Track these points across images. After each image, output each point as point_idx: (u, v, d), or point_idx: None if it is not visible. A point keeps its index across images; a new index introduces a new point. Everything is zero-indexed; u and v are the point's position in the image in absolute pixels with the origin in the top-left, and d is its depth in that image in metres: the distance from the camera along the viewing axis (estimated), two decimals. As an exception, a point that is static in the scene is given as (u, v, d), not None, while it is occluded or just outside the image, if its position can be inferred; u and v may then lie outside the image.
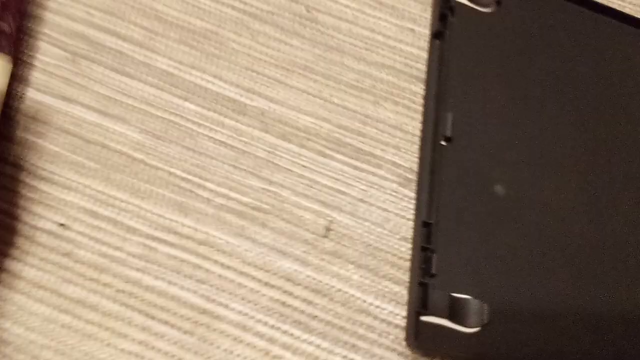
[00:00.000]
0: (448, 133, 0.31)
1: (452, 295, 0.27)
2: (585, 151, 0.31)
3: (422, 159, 0.31)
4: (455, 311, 0.27)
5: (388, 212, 0.32)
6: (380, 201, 0.33)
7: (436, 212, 0.29)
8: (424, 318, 0.27)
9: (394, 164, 0.34)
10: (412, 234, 0.32)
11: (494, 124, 0.31)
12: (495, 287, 0.28)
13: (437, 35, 0.33)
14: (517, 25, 0.34)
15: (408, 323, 0.28)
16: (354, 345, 0.29)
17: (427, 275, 0.28)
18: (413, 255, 0.29)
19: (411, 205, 0.33)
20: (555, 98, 0.32)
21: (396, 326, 0.30)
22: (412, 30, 0.37)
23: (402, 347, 0.30)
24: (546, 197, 0.30)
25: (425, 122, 0.32)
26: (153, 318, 0.29)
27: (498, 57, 0.33)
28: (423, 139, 0.32)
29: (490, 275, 0.28)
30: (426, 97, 0.33)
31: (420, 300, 0.27)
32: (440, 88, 0.31)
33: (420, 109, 0.35)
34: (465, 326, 0.27)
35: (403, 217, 0.32)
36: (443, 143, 0.30)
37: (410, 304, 0.28)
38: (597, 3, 0.35)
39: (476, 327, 0.27)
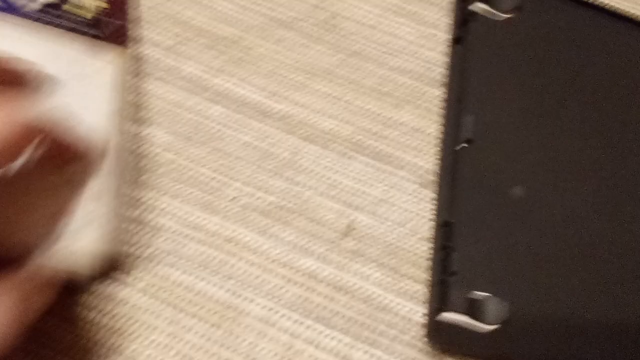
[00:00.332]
0: (468, 135, 0.31)
1: (471, 293, 0.28)
2: (603, 154, 0.32)
3: (443, 160, 0.32)
4: (474, 308, 0.28)
5: (408, 212, 0.33)
6: (401, 201, 0.33)
7: (456, 212, 0.30)
8: (444, 314, 0.28)
9: (415, 165, 0.34)
10: (432, 233, 0.32)
11: (513, 127, 0.32)
12: (514, 286, 0.28)
13: (457, 40, 0.33)
14: (536, 30, 0.34)
15: (428, 319, 0.28)
16: (374, 341, 0.30)
17: (447, 273, 0.28)
18: (433, 254, 0.30)
19: (431, 206, 0.33)
20: (574, 102, 0.33)
21: (416, 323, 0.31)
22: (433, 35, 0.38)
23: (421, 343, 0.30)
24: (564, 199, 0.31)
25: (446, 125, 0.33)
26: (182, 311, 0.30)
27: (517, 62, 0.34)
28: (444, 141, 0.32)
29: (509, 274, 0.29)
30: (447, 101, 0.33)
31: (441, 297, 0.28)
32: (461, 91, 0.32)
33: (441, 112, 0.36)
34: (485, 323, 0.28)
35: (423, 217, 0.33)
36: (463, 145, 0.31)
37: (430, 300, 0.29)
38: (614, 10, 0.35)
39: (495, 324, 0.28)
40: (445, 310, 0.28)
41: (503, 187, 0.30)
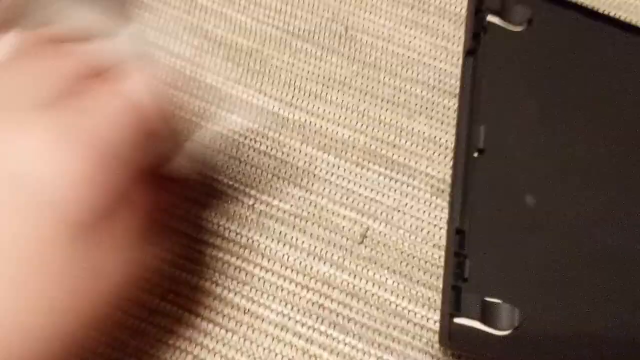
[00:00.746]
0: (480, 145, 0.32)
1: (484, 299, 0.29)
2: (615, 163, 0.32)
3: (455, 169, 0.32)
4: (487, 314, 0.28)
5: (421, 221, 0.34)
6: (414, 210, 0.34)
7: (469, 220, 0.30)
8: (456, 320, 0.28)
9: (427, 175, 0.35)
10: (445, 241, 0.33)
11: (525, 137, 0.32)
12: (526, 293, 0.29)
13: (470, 52, 0.34)
14: (548, 42, 0.35)
15: (441, 324, 0.29)
16: (387, 347, 0.31)
17: (460, 280, 0.29)
18: (446, 261, 0.30)
19: (444, 215, 0.34)
20: (586, 112, 0.33)
21: (429, 329, 0.31)
22: (445, 48, 0.38)
23: (434, 349, 0.31)
24: (576, 207, 0.31)
25: (458, 135, 0.33)
26: (199, 316, 0.31)
27: (529, 73, 0.34)
28: (457, 151, 0.33)
29: (522, 281, 0.29)
30: (460, 111, 0.34)
31: (454, 303, 0.28)
32: (474, 102, 0.33)
33: (453, 122, 0.36)
34: (497, 329, 0.28)
35: (436, 225, 0.34)
36: (476, 154, 0.32)
37: (444, 306, 0.29)
38: (626, 22, 0.36)
39: (507, 330, 0.28)
40: (458, 316, 0.28)
41: (515, 196, 0.31)
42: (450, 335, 0.28)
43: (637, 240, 0.31)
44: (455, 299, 0.28)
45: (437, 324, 0.31)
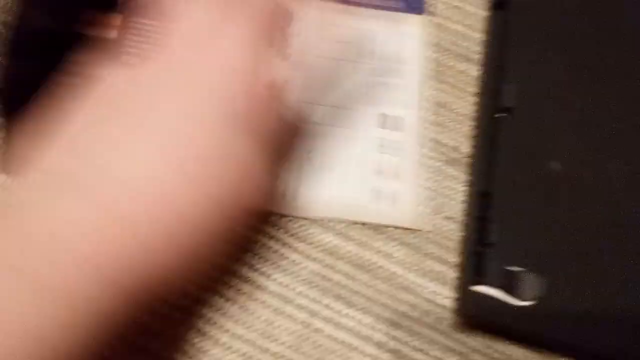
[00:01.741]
0: (508, 104, 0.31)
1: (507, 267, 0.28)
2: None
3: (480, 129, 0.32)
4: (510, 283, 0.28)
5: (431, 191, 0.33)
6: (425, 179, 0.33)
7: (494, 182, 0.30)
8: (478, 288, 0.28)
9: (439, 142, 0.34)
10: (456, 213, 0.32)
11: (554, 99, 0.31)
12: (551, 263, 0.28)
13: (498, 5, 0.33)
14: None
15: (461, 292, 0.28)
16: (396, 323, 0.30)
17: (484, 245, 0.28)
18: (468, 225, 0.30)
19: (456, 185, 0.33)
20: (619, 74, 0.32)
21: (438, 305, 0.31)
22: (459, 8, 0.37)
23: (444, 326, 0.30)
24: (604, 176, 0.30)
25: (484, 93, 0.32)
26: (194, 283, 0.29)
27: (562, 30, 0.33)
28: (481, 109, 0.32)
29: (547, 250, 0.28)
30: (485, 68, 0.33)
31: (476, 269, 0.28)
32: (502, 59, 0.32)
33: (466, 88, 0.36)
34: (520, 299, 0.27)
35: (447, 196, 0.33)
36: (503, 114, 0.31)
37: (464, 273, 0.29)
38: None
39: (530, 300, 0.28)
40: (479, 283, 0.27)
41: (541, 161, 0.30)
42: (470, 304, 0.27)
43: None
44: (477, 265, 0.28)
45: (448, 300, 0.30)
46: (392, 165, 0.32)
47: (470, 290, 0.27)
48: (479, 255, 0.28)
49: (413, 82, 0.35)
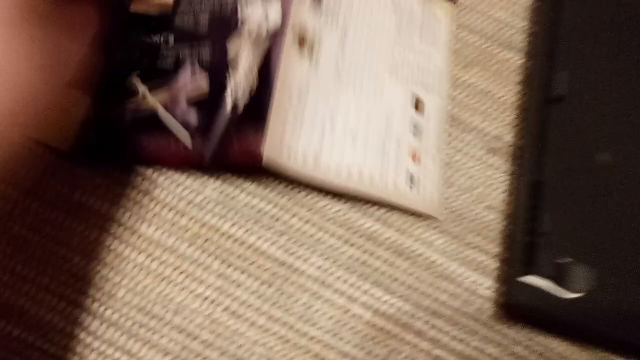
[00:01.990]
0: (560, 92, 0.30)
1: (558, 257, 0.27)
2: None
3: (530, 117, 0.31)
4: (559, 274, 0.27)
5: (474, 179, 0.33)
6: (467, 167, 0.33)
7: (547, 171, 0.29)
8: (527, 278, 0.27)
9: (482, 130, 0.34)
10: (498, 203, 0.32)
11: (606, 88, 0.31)
12: (601, 255, 0.28)
13: None
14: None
15: (508, 282, 0.28)
16: (436, 311, 0.30)
17: (534, 235, 0.28)
18: (517, 214, 0.29)
19: (498, 175, 0.33)
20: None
21: (479, 295, 0.30)
22: (505, -5, 0.37)
23: (485, 316, 0.30)
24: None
25: (535, 80, 0.32)
26: (230, 265, 0.29)
27: (614, 16, 0.32)
28: (532, 98, 0.32)
29: (597, 241, 0.28)
30: (536, 56, 0.33)
31: (525, 259, 0.27)
32: (553, 47, 0.31)
33: (510, 76, 0.35)
34: (569, 290, 0.27)
35: (490, 185, 0.33)
36: (555, 102, 0.30)
37: (511, 263, 0.28)
38: None
39: (579, 292, 0.27)
40: (529, 273, 0.27)
41: (591, 151, 0.29)
42: (520, 294, 0.27)
43: None
44: (527, 255, 0.27)
45: (489, 291, 0.30)
46: (419, 148, 0.32)
47: (519, 280, 0.27)
48: (529, 245, 0.27)
49: (443, 67, 0.34)
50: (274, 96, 0.28)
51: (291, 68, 0.29)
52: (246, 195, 0.30)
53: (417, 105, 0.33)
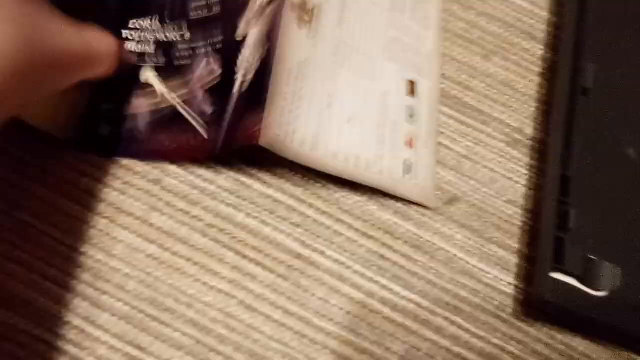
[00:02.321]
0: (587, 84, 0.30)
1: (585, 255, 0.27)
2: None
3: (557, 109, 0.30)
4: (587, 271, 0.27)
5: (494, 173, 0.32)
6: (487, 160, 0.32)
7: (573, 166, 0.29)
8: (555, 275, 0.27)
9: (502, 122, 0.33)
10: (519, 197, 0.31)
11: (635, 81, 0.30)
12: (627, 252, 0.27)
13: None
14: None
15: (536, 278, 0.27)
16: (456, 308, 0.29)
17: (564, 231, 0.27)
18: (546, 209, 0.29)
19: (519, 168, 0.32)
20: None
21: (501, 292, 0.30)
22: (527, -18, 0.36)
23: (506, 313, 0.29)
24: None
25: (561, 72, 0.31)
26: (245, 257, 0.29)
27: None
28: (558, 89, 0.31)
29: (623, 238, 0.28)
30: (561, 46, 0.32)
31: (556, 255, 0.27)
32: (580, 37, 0.31)
33: (532, 67, 0.35)
34: (595, 289, 0.27)
35: (511, 179, 0.32)
36: (581, 95, 0.30)
37: (539, 259, 0.28)
38: None
39: (606, 291, 0.27)
40: (557, 270, 0.26)
41: (618, 147, 0.29)
42: (548, 290, 0.26)
43: None
44: (557, 251, 0.27)
45: (511, 287, 0.30)
46: (413, 133, 0.31)
47: (546, 277, 0.26)
48: (560, 241, 0.27)
49: (434, 48, 0.34)
50: (273, 73, 0.27)
51: (291, 42, 0.28)
52: (261, 184, 0.30)
53: (412, 88, 0.32)
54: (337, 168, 0.28)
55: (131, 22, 0.29)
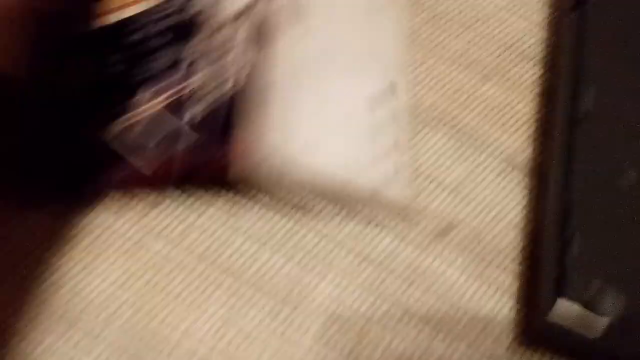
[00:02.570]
0: (587, 108, 0.30)
1: (589, 280, 0.27)
2: None
3: (556, 133, 0.31)
4: (591, 297, 0.27)
5: (494, 195, 0.32)
6: (486, 183, 0.32)
7: (576, 190, 0.29)
8: (559, 299, 0.27)
9: (501, 144, 0.33)
10: (518, 220, 0.31)
11: (634, 103, 0.31)
12: (632, 280, 0.27)
13: (576, 5, 0.32)
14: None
15: (542, 303, 0.27)
16: (458, 334, 0.29)
17: (565, 257, 0.27)
18: (548, 234, 0.29)
19: (518, 190, 0.32)
20: None
21: (503, 318, 0.30)
22: (525, 2, 0.37)
23: (508, 340, 0.29)
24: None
25: (560, 95, 0.31)
26: (245, 283, 0.28)
27: None
28: (557, 113, 0.31)
29: (627, 266, 0.28)
30: (560, 69, 0.32)
31: (559, 280, 0.27)
32: (579, 60, 0.31)
33: (530, 88, 0.35)
34: (600, 314, 0.27)
35: (511, 201, 0.32)
36: (580, 119, 0.30)
37: (546, 283, 0.28)
38: None
39: (609, 317, 0.27)
40: (562, 295, 0.26)
41: (619, 170, 0.29)
42: (552, 317, 0.26)
43: None
44: (561, 276, 0.27)
45: (512, 312, 0.29)
46: (393, 139, 0.31)
47: (551, 301, 0.26)
48: (562, 268, 0.27)
49: (402, 52, 0.33)
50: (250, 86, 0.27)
51: (281, 44, 0.28)
52: (259, 207, 0.29)
53: (389, 92, 0.31)
54: (323, 183, 0.29)
55: None
